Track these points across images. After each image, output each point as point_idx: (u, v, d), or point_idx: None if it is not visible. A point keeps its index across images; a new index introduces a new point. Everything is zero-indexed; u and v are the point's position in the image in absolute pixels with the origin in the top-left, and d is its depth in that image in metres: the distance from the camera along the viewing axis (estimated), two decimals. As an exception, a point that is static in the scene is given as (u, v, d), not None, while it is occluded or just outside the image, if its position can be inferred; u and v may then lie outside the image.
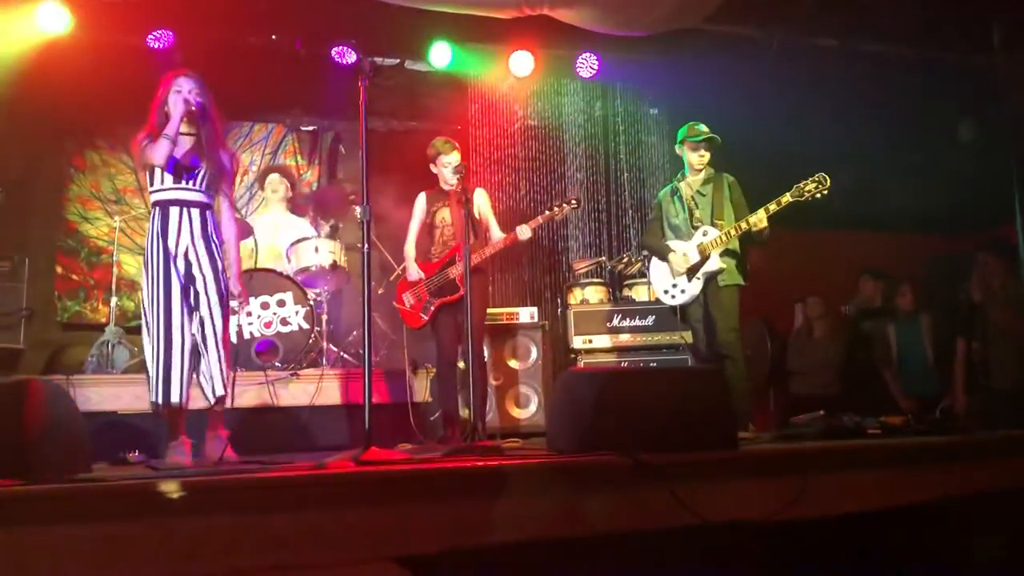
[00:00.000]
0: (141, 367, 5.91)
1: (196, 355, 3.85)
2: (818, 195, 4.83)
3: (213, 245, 3.94)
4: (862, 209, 7.25)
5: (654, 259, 5.48)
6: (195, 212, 3.92)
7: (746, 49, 7.17)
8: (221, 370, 3.88)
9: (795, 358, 7.17)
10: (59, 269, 7.19)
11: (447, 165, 5.42)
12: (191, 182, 3.92)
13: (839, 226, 7.58)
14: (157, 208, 3.92)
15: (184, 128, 3.97)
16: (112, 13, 6.36)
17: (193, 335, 3.84)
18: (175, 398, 3.78)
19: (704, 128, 5.21)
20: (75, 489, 2.42)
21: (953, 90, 7.30)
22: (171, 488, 2.40)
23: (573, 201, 5.64)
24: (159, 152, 3.84)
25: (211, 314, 3.88)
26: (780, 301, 7.18)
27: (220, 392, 3.88)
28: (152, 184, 3.96)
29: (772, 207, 4.91)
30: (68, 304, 7.16)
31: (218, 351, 3.87)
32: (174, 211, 3.89)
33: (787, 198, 4.88)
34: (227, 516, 2.43)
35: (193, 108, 3.95)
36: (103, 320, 6.51)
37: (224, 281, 3.95)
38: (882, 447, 3.55)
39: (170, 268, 3.84)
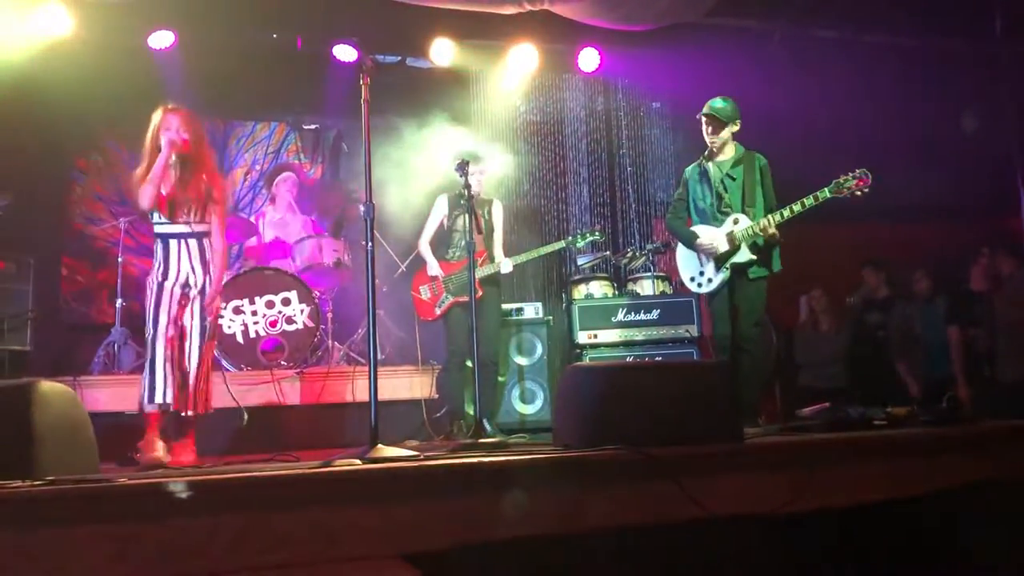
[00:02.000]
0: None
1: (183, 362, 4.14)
2: (858, 192, 4.59)
3: (210, 269, 4.21)
4: (865, 200, 7.23)
5: (680, 244, 5.20)
6: (192, 243, 4.19)
7: (748, 42, 7.16)
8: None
9: (802, 351, 7.16)
10: (65, 271, 7.22)
11: (474, 174, 5.43)
12: (186, 217, 4.17)
13: (841, 218, 7.55)
14: (159, 239, 4.19)
15: (173, 165, 4.18)
16: (113, 14, 6.37)
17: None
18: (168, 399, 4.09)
19: (716, 104, 4.92)
20: (83, 489, 2.43)
21: (955, 79, 7.27)
22: (178, 487, 2.41)
23: (596, 232, 6.01)
24: (144, 197, 4.11)
25: (195, 330, 4.14)
26: (784, 294, 7.16)
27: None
28: (153, 217, 4.21)
29: (809, 202, 4.66)
30: (74, 305, 7.18)
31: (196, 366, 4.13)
32: (173, 243, 4.17)
33: (825, 194, 4.63)
34: (235, 514, 2.44)
35: (180, 147, 4.15)
36: (109, 321, 6.53)
37: (212, 288, 4.20)
38: (888, 438, 3.55)
39: (162, 295, 4.10)
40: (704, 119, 4.95)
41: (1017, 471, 3.43)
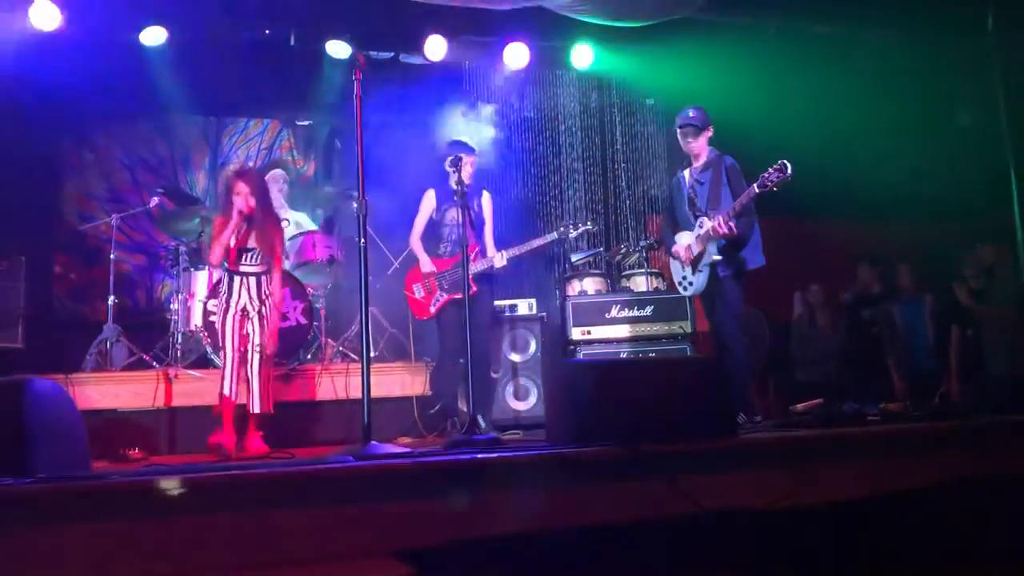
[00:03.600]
0: (139, 365, 5.95)
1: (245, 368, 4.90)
2: (781, 184, 4.55)
3: (265, 302, 4.95)
4: (859, 196, 7.25)
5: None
6: (251, 280, 4.94)
7: (742, 37, 7.15)
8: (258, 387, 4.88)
9: (798, 347, 7.16)
10: (57, 268, 7.19)
11: (465, 165, 5.40)
12: (248, 261, 4.94)
13: (835, 214, 7.57)
14: (227, 275, 4.97)
15: (244, 223, 4.93)
16: (104, 10, 6.33)
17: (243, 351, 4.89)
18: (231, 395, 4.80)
19: (689, 114, 5.05)
20: (75, 487, 2.42)
21: (948, 74, 7.28)
22: (172, 485, 2.41)
23: (589, 224, 5.96)
24: (215, 256, 4.94)
25: (258, 345, 4.88)
26: (778, 290, 7.17)
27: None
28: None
29: (744, 200, 4.71)
30: (66, 303, 7.15)
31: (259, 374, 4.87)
32: (236, 279, 4.93)
33: (754, 190, 4.65)
34: (228, 512, 2.44)
35: (247, 210, 4.88)
36: (102, 318, 6.51)
37: (271, 324, 4.96)
38: (881, 434, 3.56)
39: (227, 319, 4.87)
40: (680, 130, 5.08)
41: (1010, 466, 3.44)
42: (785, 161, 4.54)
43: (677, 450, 2.96)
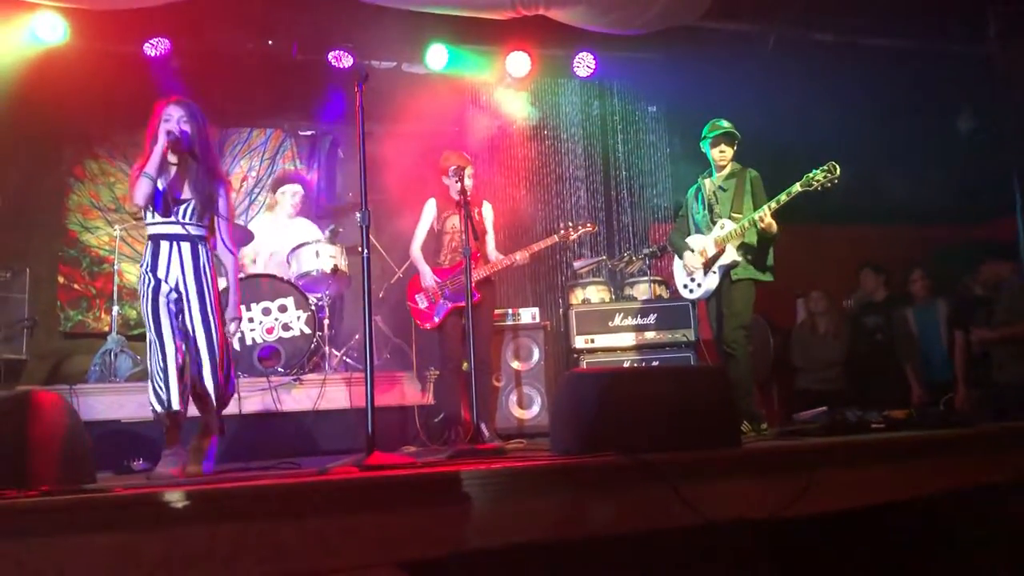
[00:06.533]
0: (144, 375, 5.95)
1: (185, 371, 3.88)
2: (828, 184, 4.66)
3: (204, 278, 3.88)
4: (861, 202, 7.24)
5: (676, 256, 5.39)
6: (185, 246, 3.87)
7: (743, 44, 7.17)
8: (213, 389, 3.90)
9: (800, 354, 7.15)
10: (61, 279, 7.20)
11: (466, 176, 5.40)
12: (180, 216, 3.86)
13: (838, 220, 7.57)
14: (150, 241, 3.89)
15: (171, 159, 3.89)
16: (108, 22, 6.36)
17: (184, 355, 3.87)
18: (174, 406, 3.78)
19: (724, 124, 5.12)
20: (79, 500, 2.42)
21: (950, 81, 7.29)
22: (175, 497, 2.40)
23: (588, 225, 5.79)
24: (140, 191, 3.78)
25: (200, 341, 3.87)
26: (781, 296, 7.16)
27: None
28: (145, 218, 3.91)
29: (783, 198, 4.76)
30: (70, 314, 7.16)
31: (212, 374, 3.88)
32: (164, 244, 3.85)
33: (796, 188, 4.72)
34: (231, 524, 2.43)
35: (178, 138, 3.84)
36: (105, 329, 6.52)
37: (214, 311, 3.89)
38: (885, 442, 3.54)
39: (159, 299, 3.81)
40: (722, 137, 5.10)
41: (1013, 474, 3.43)
42: (834, 163, 4.65)
43: (682, 460, 2.95)
